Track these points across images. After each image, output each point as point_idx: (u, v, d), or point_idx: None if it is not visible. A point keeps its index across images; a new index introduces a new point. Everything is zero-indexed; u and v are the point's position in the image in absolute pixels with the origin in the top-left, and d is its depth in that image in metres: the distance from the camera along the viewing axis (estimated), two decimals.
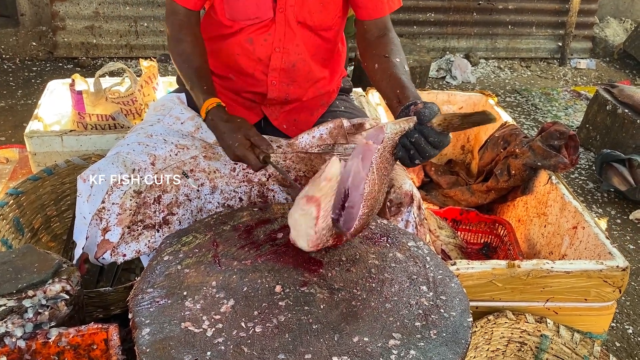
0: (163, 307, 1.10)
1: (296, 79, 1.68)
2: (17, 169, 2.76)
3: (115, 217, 1.44)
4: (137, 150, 1.52)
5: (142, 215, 1.47)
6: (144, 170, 1.48)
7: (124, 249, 1.45)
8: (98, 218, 1.44)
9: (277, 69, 1.64)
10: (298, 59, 1.64)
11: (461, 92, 2.86)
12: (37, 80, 4.09)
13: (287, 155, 1.63)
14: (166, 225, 1.50)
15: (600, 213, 3.02)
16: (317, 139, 1.64)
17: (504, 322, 1.67)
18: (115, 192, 1.44)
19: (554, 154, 2.22)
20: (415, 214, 1.50)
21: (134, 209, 1.46)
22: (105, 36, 4.48)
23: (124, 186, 1.45)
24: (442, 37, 5.05)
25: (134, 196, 1.46)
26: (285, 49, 1.61)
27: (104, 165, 1.49)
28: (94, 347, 1.26)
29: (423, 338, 1.05)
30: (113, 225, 1.44)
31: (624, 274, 1.65)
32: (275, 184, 1.60)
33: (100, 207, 1.44)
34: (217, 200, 1.56)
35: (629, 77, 5.04)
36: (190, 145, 1.57)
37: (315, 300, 1.12)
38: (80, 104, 2.26)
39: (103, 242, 1.45)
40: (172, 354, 0.99)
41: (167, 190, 1.49)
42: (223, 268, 1.21)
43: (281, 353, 1.00)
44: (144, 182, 1.47)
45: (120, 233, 1.44)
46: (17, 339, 1.21)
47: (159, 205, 1.49)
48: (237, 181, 1.58)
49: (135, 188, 1.46)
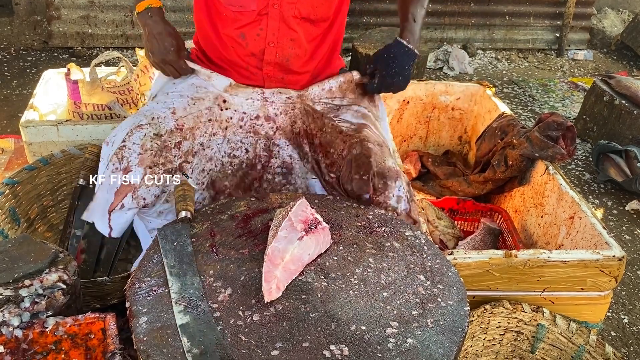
0: (160, 295, 1.10)
1: (291, 71, 1.67)
2: (12, 159, 2.75)
3: (136, 156, 1.42)
4: (157, 107, 1.56)
5: (163, 158, 1.47)
6: (163, 118, 1.51)
7: (144, 192, 1.43)
8: (117, 159, 1.42)
9: (272, 63, 1.63)
10: (292, 53, 1.63)
11: (458, 83, 2.86)
12: (32, 70, 4.07)
13: (296, 105, 1.66)
14: (180, 171, 1.51)
15: (596, 204, 3.03)
16: (326, 91, 1.68)
17: (501, 312, 1.67)
18: (136, 134, 1.45)
19: (551, 145, 2.22)
20: (405, 189, 1.50)
21: (155, 150, 1.45)
22: (100, 26, 4.45)
23: (143, 129, 1.46)
24: (440, 28, 5.03)
25: (154, 138, 1.46)
26: (279, 44, 1.60)
27: (124, 122, 1.53)
28: (91, 336, 1.26)
29: (420, 327, 1.06)
30: (134, 165, 1.42)
31: (621, 264, 1.65)
32: (282, 138, 1.64)
33: (121, 146, 1.43)
34: (224, 149, 1.59)
35: (626, 69, 5.04)
36: (204, 96, 1.61)
37: (312, 288, 1.12)
38: (76, 93, 2.24)
39: (123, 186, 1.42)
40: (169, 342, 0.99)
41: (187, 138, 1.51)
42: (220, 257, 1.21)
43: (279, 341, 1.00)
44: (164, 127, 1.49)
45: (142, 173, 1.42)
46: (14, 328, 1.21)
47: (178, 150, 1.50)
48: (244, 132, 1.61)
49: (155, 131, 1.47)
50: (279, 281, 1.11)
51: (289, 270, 1.14)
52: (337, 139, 1.61)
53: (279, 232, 1.17)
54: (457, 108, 2.88)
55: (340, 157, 1.58)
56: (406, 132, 2.94)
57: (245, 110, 1.64)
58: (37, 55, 4.32)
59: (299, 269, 1.16)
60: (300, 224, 1.18)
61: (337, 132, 1.63)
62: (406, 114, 2.87)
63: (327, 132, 1.63)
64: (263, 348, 0.99)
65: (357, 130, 1.64)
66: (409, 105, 2.85)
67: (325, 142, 1.63)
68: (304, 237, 1.16)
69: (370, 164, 1.50)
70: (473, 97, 2.83)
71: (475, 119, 2.84)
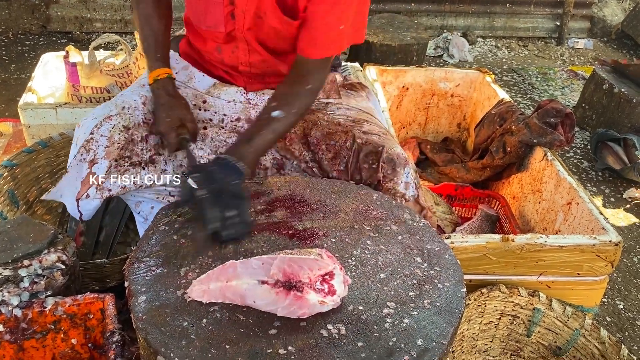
0: (159, 275, 1.11)
1: (270, 74, 1.64)
2: (11, 142, 2.74)
3: (103, 149, 1.44)
4: (129, 94, 1.55)
5: (129, 151, 1.47)
6: (133, 108, 1.50)
7: (109, 184, 1.45)
8: (85, 150, 1.43)
9: (248, 75, 1.63)
10: (266, 70, 1.61)
11: (458, 70, 2.85)
12: (31, 55, 4.04)
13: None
14: (152, 164, 1.51)
15: (594, 192, 3.04)
16: None
17: (497, 296, 1.69)
18: (104, 126, 1.45)
19: (549, 132, 2.22)
20: (413, 176, 1.51)
21: (122, 143, 1.45)
22: (99, 10, 4.42)
23: (112, 121, 1.46)
24: (440, 15, 5.01)
25: (122, 130, 1.46)
26: (251, 64, 1.59)
27: (96, 109, 1.51)
28: (90, 316, 1.27)
29: (417, 307, 1.06)
30: (100, 157, 1.44)
31: (617, 249, 1.66)
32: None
33: (89, 138, 1.44)
34: (208, 147, 1.58)
35: (626, 57, 5.02)
36: (182, 93, 1.58)
37: None
38: (75, 76, 2.24)
39: (89, 176, 1.43)
40: (168, 320, 1.00)
41: (154, 132, 1.51)
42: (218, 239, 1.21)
43: (277, 320, 1.01)
44: (133, 119, 1.48)
45: (107, 166, 1.44)
46: (13, 307, 1.22)
47: (145, 144, 1.50)
48: (227, 132, 1.60)
49: (124, 123, 1.47)
50: (207, 292, 1.04)
51: (223, 294, 1.03)
52: (336, 131, 1.59)
53: (253, 260, 1.04)
54: (456, 95, 2.87)
55: (345, 148, 1.56)
56: (405, 118, 2.94)
57: (226, 112, 1.62)
58: (36, 40, 4.30)
59: (235, 301, 1.04)
60: (279, 273, 1.02)
61: (335, 124, 1.61)
62: (405, 101, 2.87)
63: (323, 126, 1.61)
64: (261, 327, 0.99)
65: (356, 121, 1.63)
66: (408, 92, 2.85)
67: (324, 134, 1.60)
68: (266, 285, 1.02)
69: (379, 152, 1.51)
70: (472, 84, 2.83)
71: (475, 105, 2.84)
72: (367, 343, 0.98)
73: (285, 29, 1.47)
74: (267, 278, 1.03)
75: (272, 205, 1.34)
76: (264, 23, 1.48)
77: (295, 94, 1.47)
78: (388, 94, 2.80)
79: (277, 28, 1.47)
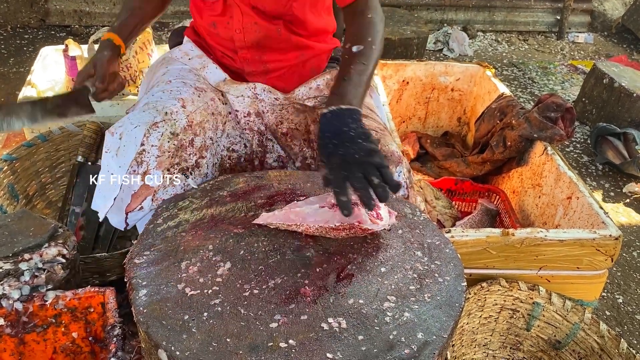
0: (160, 269, 1.11)
1: (267, 48, 1.62)
2: (10, 136, 2.74)
3: (154, 159, 1.39)
4: (165, 97, 1.50)
5: (179, 158, 1.44)
6: (176, 113, 1.45)
7: (162, 194, 1.41)
8: (136, 163, 1.38)
9: (244, 48, 1.60)
10: (259, 35, 1.58)
11: (458, 64, 2.85)
12: (30, 49, 4.04)
13: (284, 106, 1.62)
14: (197, 168, 1.48)
15: (594, 186, 3.04)
16: (313, 89, 1.63)
17: (497, 290, 1.69)
18: (153, 134, 1.39)
19: (550, 126, 2.22)
20: (406, 176, 1.50)
21: (172, 151, 1.42)
22: (98, 4, 4.41)
23: (160, 128, 1.41)
24: (440, 9, 5.00)
25: (171, 138, 1.42)
26: (244, 29, 1.56)
27: (134, 115, 1.44)
28: (90, 310, 1.27)
29: (417, 301, 1.07)
30: (153, 168, 1.39)
31: (617, 243, 1.66)
32: (270, 134, 1.62)
33: (140, 150, 1.38)
34: (223, 143, 1.58)
35: (627, 52, 5.02)
36: (206, 87, 1.59)
37: (311, 263, 1.13)
38: (74, 69, 2.23)
39: (142, 188, 1.39)
40: (169, 314, 1.00)
41: (198, 133, 1.48)
42: (219, 232, 1.22)
43: (277, 314, 1.01)
44: (178, 124, 1.44)
45: (161, 176, 1.40)
46: (14, 301, 1.22)
47: (192, 147, 1.47)
48: (241, 128, 1.60)
49: (172, 130, 1.42)
50: (273, 216, 1.21)
51: (287, 217, 1.20)
52: None
53: (312, 197, 1.24)
54: (456, 89, 2.87)
55: None
56: (405, 113, 2.94)
57: (238, 108, 1.61)
58: (34, 34, 4.29)
59: (297, 221, 1.19)
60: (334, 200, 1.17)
61: None
62: (405, 95, 2.87)
63: None
64: (262, 320, 1.00)
65: None
66: (409, 86, 2.84)
67: None
68: (325, 207, 1.18)
69: None
70: (473, 78, 2.82)
71: (475, 100, 2.84)
72: (367, 336, 0.98)
73: None
74: (325, 203, 1.18)
75: (272, 199, 1.34)
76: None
77: (362, 26, 1.45)
78: (388, 88, 2.79)
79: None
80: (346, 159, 1.14)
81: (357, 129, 1.19)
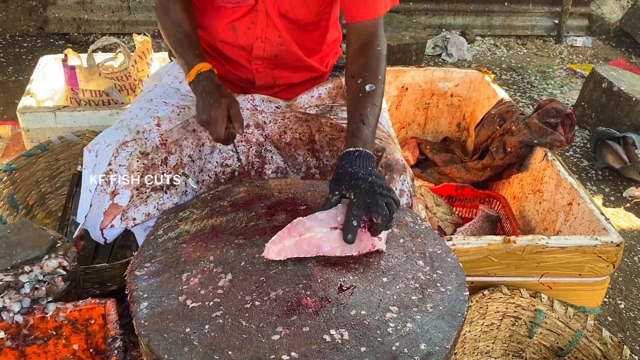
0: (161, 281, 1.10)
1: (281, 64, 1.63)
2: (9, 146, 2.74)
3: (123, 179, 1.40)
4: (140, 115, 1.50)
5: (150, 177, 1.44)
6: (148, 131, 1.46)
7: (133, 213, 1.42)
8: (105, 182, 1.40)
9: (260, 58, 1.60)
10: (281, 50, 1.58)
11: (457, 69, 2.85)
12: (28, 57, 4.04)
13: (286, 115, 1.62)
14: (173, 186, 1.48)
15: (594, 190, 3.04)
16: (315, 98, 1.64)
17: (499, 297, 1.68)
18: (122, 154, 1.41)
19: (550, 132, 2.22)
20: (409, 184, 1.49)
21: (142, 170, 1.42)
22: (96, 11, 4.41)
23: (129, 147, 1.42)
24: (439, 14, 5.01)
25: (141, 157, 1.43)
26: (267, 39, 1.56)
27: (108, 132, 1.46)
28: (91, 322, 1.27)
29: (420, 311, 1.06)
30: (121, 188, 1.40)
31: (618, 250, 1.66)
32: (272, 145, 1.60)
33: (107, 170, 1.40)
34: (215, 159, 1.56)
35: (625, 55, 5.02)
36: (191, 104, 1.56)
37: (312, 273, 1.13)
38: (73, 79, 2.23)
39: (111, 207, 1.41)
40: (170, 327, 0.99)
41: (173, 152, 1.48)
42: (220, 243, 1.21)
43: (279, 326, 1.01)
44: (149, 143, 1.45)
45: (130, 196, 1.41)
46: (14, 313, 1.21)
47: (166, 166, 1.47)
48: (236, 140, 1.58)
49: (141, 149, 1.43)
50: (284, 249, 1.13)
51: (300, 248, 1.14)
52: (339, 137, 1.58)
53: (318, 213, 1.18)
54: (455, 95, 2.87)
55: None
56: (405, 119, 2.94)
57: None
58: (33, 42, 4.29)
59: (311, 253, 1.16)
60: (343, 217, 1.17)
61: (338, 130, 1.59)
62: (405, 101, 2.87)
63: (326, 132, 1.60)
64: (264, 332, 0.99)
65: None
66: (408, 92, 2.84)
67: (328, 141, 1.59)
68: (337, 230, 1.16)
69: (379, 156, 1.50)
70: (472, 83, 2.83)
71: (474, 105, 2.84)
72: (370, 348, 0.97)
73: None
74: (336, 224, 1.16)
75: (273, 209, 1.33)
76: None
77: (372, 60, 1.46)
78: (387, 94, 2.79)
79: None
80: (374, 187, 1.19)
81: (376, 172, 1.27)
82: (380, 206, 1.16)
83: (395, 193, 1.24)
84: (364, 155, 1.28)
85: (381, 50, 1.49)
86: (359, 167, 1.24)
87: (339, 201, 1.23)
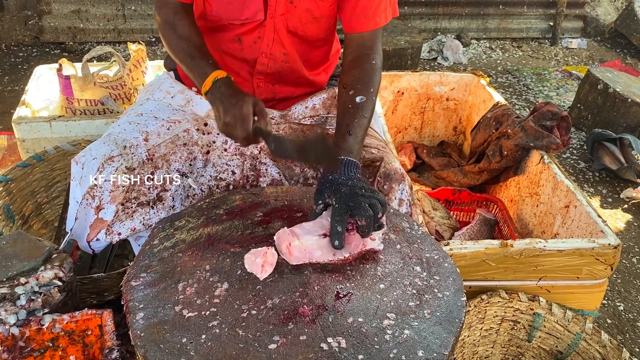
0: (157, 291, 1.10)
1: (282, 80, 1.64)
2: (5, 156, 2.73)
3: (108, 194, 1.41)
4: (129, 129, 1.51)
5: (135, 192, 1.44)
6: (135, 147, 1.46)
7: (118, 228, 1.43)
8: (90, 196, 1.41)
9: (263, 73, 1.60)
10: (285, 66, 1.59)
11: (453, 73, 2.85)
12: (24, 66, 4.04)
13: (280, 126, 1.62)
14: (160, 202, 1.48)
15: (591, 192, 3.04)
16: (310, 109, 1.64)
17: (497, 301, 1.68)
18: (107, 169, 1.41)
19: (546, 135, 2.22)
20: (408, 193, 1.49)
21: (127, 185, 1.42)
22: (92, 20, 4.42)
23: (115, 163, 1.42)
24: (434, 18, 5.02)
25: (126, 172, 1.43)
26: (272, 55, 1.56)
27: (95, 146, 1.47)
28: (88, 333, 1.26)
29: (417, 318, 1.06)
30: (106, 202, 1.41)
31: (616, 252, 1.66)
32: (267, 158, 1.59)
33: (92, 185, 1.41)
34: (209, 173, 1.56)
35: (620, 57, 5.04)
36: (181, 119, 1.56)
37: (309, 282, 1.12)
38: (68, 89, 2.23)
39: (97, 221, 1.42)
40: (166, 337, 0.99)
41: (160, 167, 1.48)
42: (216, 251, 1.21)
43: (276, 335, 1.00)
44: (136, 159, 1.45)
45: (114, 211, 1.41)
46: (10, 326, 1.20)
47: (152, 182, 1.47)
48: (230, 154, 1.57)
49: (127, 164, 1.43)
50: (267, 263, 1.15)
51: (293, 255, 1.16)
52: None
53: (304, 224, 1.20)
54: (451, 98, 2.87)
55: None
56: (401, 123, 2.94)
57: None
58: (29, 51, 4.29)
59: (304, 259, 1.16)
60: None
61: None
62: (401, 105, 2.87)
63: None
64: (260, 342, 0.99)
65: None
66: (404, 97, 2.85)
67: None
68: (327, 237, 1.18)
69: (377, 166, 1.50)
70: (467, 87, 2.83)
71: (470, 109, 2.84)
72: (367, 356, 0.97)
73: (318, 6, 1.49)
74: (325, 231, 1.18)
75: (269, 217, 1.33)
76: (295, 8, 1.49)
77: (366, 73, 1.48)
78: (383, 99, 2.80)
79: (310, 8, 1.49)
80: (355, 190, 1.21)
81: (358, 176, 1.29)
82: (362, 208, 1.17)
83: (381, 193, 1.25)
84: (346, 163, 1.29)
85: (376, 63, 1.51)
86: (340, 174, 1.26)
87: (324, 210, 1.24)
